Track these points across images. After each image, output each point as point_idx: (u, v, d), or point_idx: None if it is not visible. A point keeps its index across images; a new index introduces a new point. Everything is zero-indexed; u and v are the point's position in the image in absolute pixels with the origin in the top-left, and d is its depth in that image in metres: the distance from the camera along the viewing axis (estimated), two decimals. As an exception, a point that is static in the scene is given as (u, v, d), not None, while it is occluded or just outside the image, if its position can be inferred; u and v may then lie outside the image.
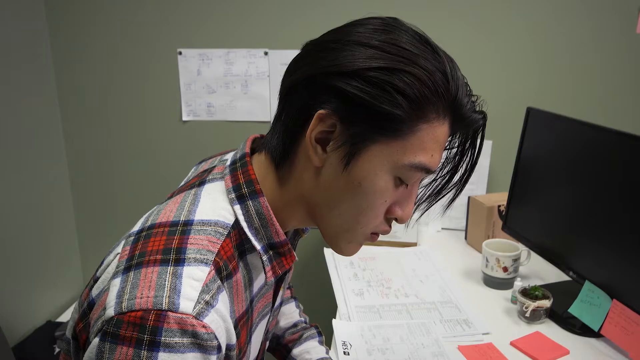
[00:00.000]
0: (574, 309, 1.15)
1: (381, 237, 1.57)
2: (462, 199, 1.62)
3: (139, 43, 1.81)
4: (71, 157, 1.95)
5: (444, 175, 0.70)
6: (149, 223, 0.65)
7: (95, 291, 0.64)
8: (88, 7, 1.79)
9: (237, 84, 1.80)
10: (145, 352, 0.54)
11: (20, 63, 1.71)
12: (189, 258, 0.59)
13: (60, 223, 1.95)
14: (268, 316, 0.77)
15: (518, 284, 1.25)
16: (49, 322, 1.82)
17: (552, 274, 1.38)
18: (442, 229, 1.71)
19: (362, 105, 0.59)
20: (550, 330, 1.16)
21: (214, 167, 0.72)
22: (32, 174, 1.79)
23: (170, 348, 0.54)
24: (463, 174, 0.70)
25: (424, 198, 0.72)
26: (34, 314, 1.82)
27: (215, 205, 0.66)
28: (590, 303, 1.13)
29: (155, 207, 0.69)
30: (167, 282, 0.56)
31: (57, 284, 1.92)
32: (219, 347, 0.58)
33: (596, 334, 1.11)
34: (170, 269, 0.58)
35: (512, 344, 1.11)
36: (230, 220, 0.65)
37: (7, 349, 1.17)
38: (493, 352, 1.09)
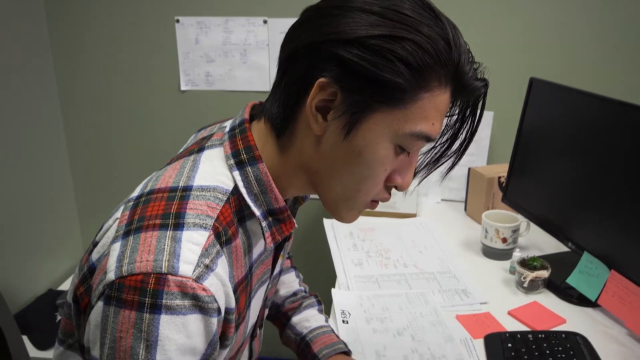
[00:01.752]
0: (572, 280, 1.16)
1: (381, 208, 1.59)
2: (462, 170, 1.61)
3: (136, 10, 1.77)
4: (69, 128, 1.94)
5: (444, 142, 0.70)
6: (148, 189, 0.65)
7: (95, 255, 0.65)
8: (83, -27, 1.76)
9: (236, 53, 1.78)
10: (148, 315, 0.55)
11: (14, 24, 1.68)
12: (188, 223, 0.59)
13: (59, 191, 1.95)
14: (267, 283, 0.78)
15: (517, 254, 1.25)
16: (50, 290, 1.83)
17: (550, 245, 1.38)
18: (442, 200, 1.71)
19: (363, 74, 0.58)
20: (548, 300, 1.17)
21: (213, 134, 0.71)
22: (30, 144, 1.78)
23: (172, 310, 0.55)
24: (462, 142, 0.70)
25: (423, 165, 0.72)
26: (35, 282, 1.83)
27: (214, 171, 0.65)
28: (588, 274, 1.13)
29: (154, 173, 0.69)
30: (166, 246, 0.57)
31: (57, 253, 1.93)
32: (218, 310, 0.59)
33: (593, 304, 1.12)
34: (169, 233, 0.58)
35: (509, 313, 1.12)
36: (230, 186, 0.65)
37: (9, 317, 1.18)
38: (490, 321, 1.10)
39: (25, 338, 1.57)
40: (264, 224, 0.67)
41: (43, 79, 1.83)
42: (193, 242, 0.58)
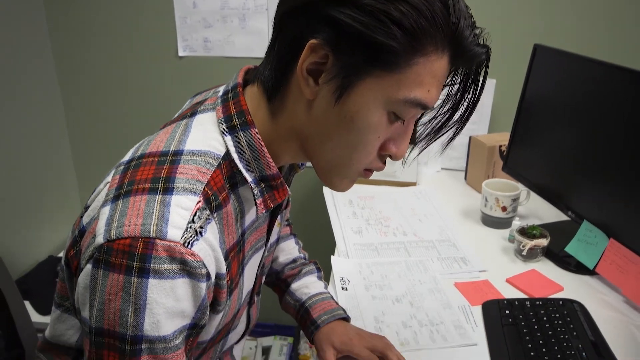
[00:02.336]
0: (571, 248, 1.16)
1: (381, 177, 1.58)
2: (462, 138, 1.60)
3: (132, -27, 1.73)
4: (66, 94, 1.91)
5: (445, 112, 0.68)
6: (139, 153, 0.64)
7: (85, 219, 0.65)
8: None
9: (235, 18, 1.74)
10: (136, 279, 0.55)
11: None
12: (178, 187, 0.59)
13: (57, 157, 1.94)
14: (262, 250, 0.77)
15: (516, 223, 1.25)
16: (50, 257, 1.84)
17: (550, 214, 1.38)
18: (442, 169, 1.70)
19: (355, 36, 0.56)
20: (546, 268, 1.18)
21: (207, 99, 0.70)
22: (26, 110, 1.76)
23: (160, 274, 0.55)
24: (464, 112, 0.68)
25: (423, 135, 0.71)
26: (36, 248, 1.84)
27: (205, 135, 0.64)
28: (586, 242, 1.13)
29: (146, 138, 0.68)
30: (155, 210, 0.56)
31: (56, 219, 1.93)
32: (207, 275, 0.59)
33: (591, 272, 1.13)
34: (158, 197, 0.57)
35: (507, 280, 1.13)
36: (221, 151, 0.64)
37: (10, 282, 1.19)
38: (489, 288, 1.10)
39: (27, 303, 1.58)
40: (256, 190, 0.66)
41: (38, 45, 1.80)
42: (182, 206, 0.58)
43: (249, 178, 0.65)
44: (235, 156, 0.64)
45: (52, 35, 1.84)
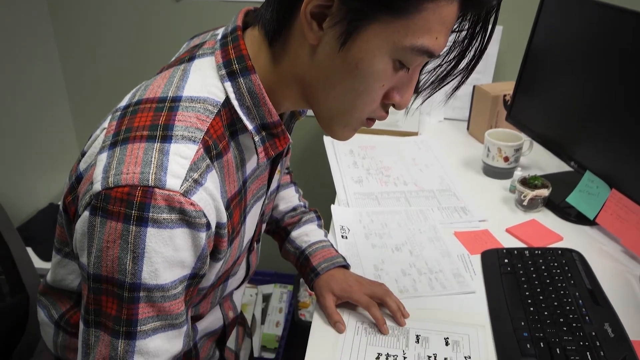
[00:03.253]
0: (572, 198, 1.16)
1: (382, 126, 1.57)
2: (466, 88, 1.57)
3: None
4: (60, 36, 1.86)
5: (450, 60, 0.66)
6: (136, 98, 0.62)
7: (82, 165, 0.64)
8: None
9: (233, -41, 1.67)
10: (134, 227, 0.54)
11: None
12: (177, 135, 0.57)
13: (54, 102, 1.91)
14: (263, 199, 0.77)
15: (518, 173, 1.25)
16: (51, 204, 1.85)
17: (552, 165, 1.37)
18: (444, 119, 1.68)
19: None
20: (546, 218, 1.18)
21: (205, 42, 0.68)
22: (20, 55, 1.72)
23: (159, 224, 0.54)
24: (470, 60, 0.66)
25: (427, 84, 0.68)
26: (36, 196, 1.84)
27: (204, 81, 0.62)
28: (588, 192, 1.13)
29: (142, 83, 0.66)
30: (153, 158, 0.55)
31: (56, 167, 1.92)
32: (207, 225, 0.58)
33: (590, 223, 1.13)
34: (157, 145, 0.56)
35: (507, 230, 1.13)
36: (221, 97, 0.62)
37: (12, 229, 1.19)
38: (488, 237, 1.11)
39: (29, 250, 1.60)
40: (256, 138, 0.65)
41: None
42: (181, 155, 0.56)
43: (250, 126, 0.64)
44: (235, 103, 0.63)
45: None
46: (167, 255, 0.56)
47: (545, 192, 1.17)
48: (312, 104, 0.67)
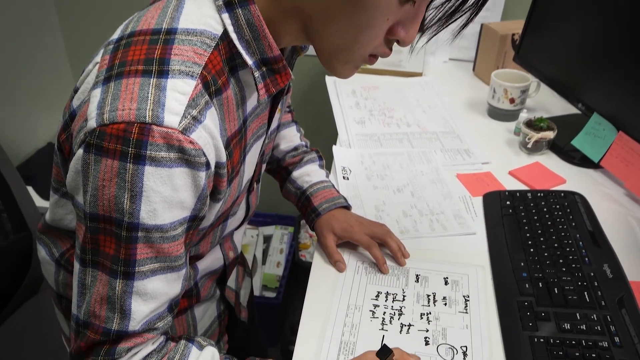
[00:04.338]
0: (577, 141, 1.14)
1: (385, 66, 1.53)
2: (473, 27, 1.50)
3: None
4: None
5: None
6: (128, 30, 0.59)
7: (75, 102, 0.62)
8: None
9: None
10: (131, 165, 0.53)
11: None
12: (173, 70, 0.54)
13: (48, 43, 1.86)
14: (263, 138, 0.75)
15: (523, 115, 1.22)
16: (49, 144, 1.83)
17: (558, 107, 1.35)
18: (450, 59, 1.63)
19: None
20: (550, 161, 1.17)
21: None
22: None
23: (157, 162, 0.53)
24: None
25: (434, 21, 0.65)
26: (35, 135, 1.83)
27: (200, 12, 0.59)
28: (594, 135, 1.11)
29: (135, 14, 0.63)
30: (150, 94, 0.53)
31: (53, 106, 1.89)
32: (207, 164, 0.57)
33: (594, 166, 1.12)
34: (153, 80, 0.54)
35: (510, 173, 1.12)
36: (218, 30, 0.59)
37: (11, 168, 1.19)
38: (490, 180, 1.10)
39: (30, 189, 1.60)
40: (256, 74, 0.62)
41: None
42: (179, 91, 0.54)
43: (250, 60, 0.61)
44: (233, 36, 0.59)
45: None
46: (165, 195, 0.55)
47: (550, 135, 1.15)
48: (312, 39, 0.64)
